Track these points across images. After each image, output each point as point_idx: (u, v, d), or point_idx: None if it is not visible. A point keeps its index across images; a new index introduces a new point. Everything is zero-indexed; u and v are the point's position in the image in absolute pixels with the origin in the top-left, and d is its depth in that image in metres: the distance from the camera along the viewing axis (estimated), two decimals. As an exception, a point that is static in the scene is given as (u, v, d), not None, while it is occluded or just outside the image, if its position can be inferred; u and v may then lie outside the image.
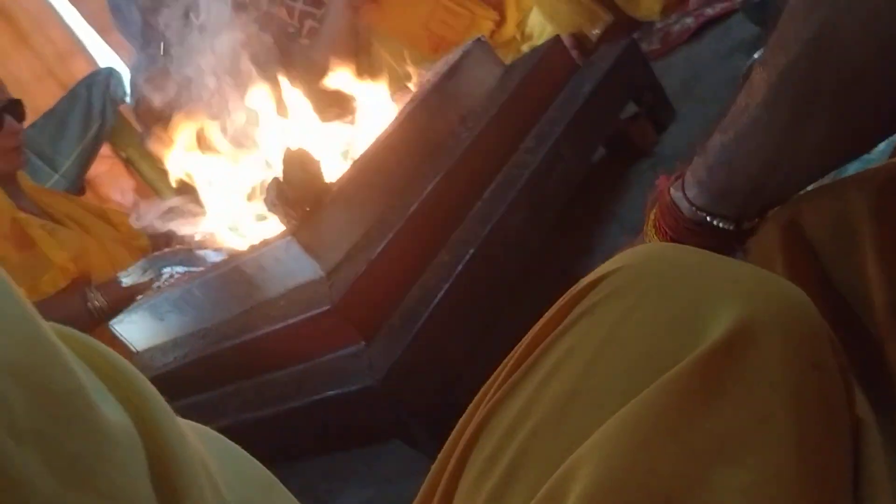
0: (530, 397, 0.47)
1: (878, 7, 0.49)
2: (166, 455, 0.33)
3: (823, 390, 0.42)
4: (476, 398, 0.52)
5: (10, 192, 1.91)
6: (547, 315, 0.50)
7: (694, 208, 0.66)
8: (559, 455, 0.42)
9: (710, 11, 1.87)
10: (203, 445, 0.38)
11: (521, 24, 2.23)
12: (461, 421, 0.52)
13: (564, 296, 0.50)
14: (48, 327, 0.31)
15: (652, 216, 0.73)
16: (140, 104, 2.46)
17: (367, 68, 2.47)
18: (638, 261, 0.48)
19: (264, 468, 0.47)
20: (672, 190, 0.68)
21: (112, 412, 0.32)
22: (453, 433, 0.52)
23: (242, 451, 0.46)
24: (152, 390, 0.36)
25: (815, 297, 0.52)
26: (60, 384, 0.30)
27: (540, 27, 2.15)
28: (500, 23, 2.29)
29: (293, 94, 1.42)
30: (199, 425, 0.43)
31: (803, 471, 0.39)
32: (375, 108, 1.44)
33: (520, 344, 0.51)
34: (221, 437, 0.46)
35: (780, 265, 0.57)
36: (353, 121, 1.46)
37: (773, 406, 0.41)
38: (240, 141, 1.44)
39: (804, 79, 0.55)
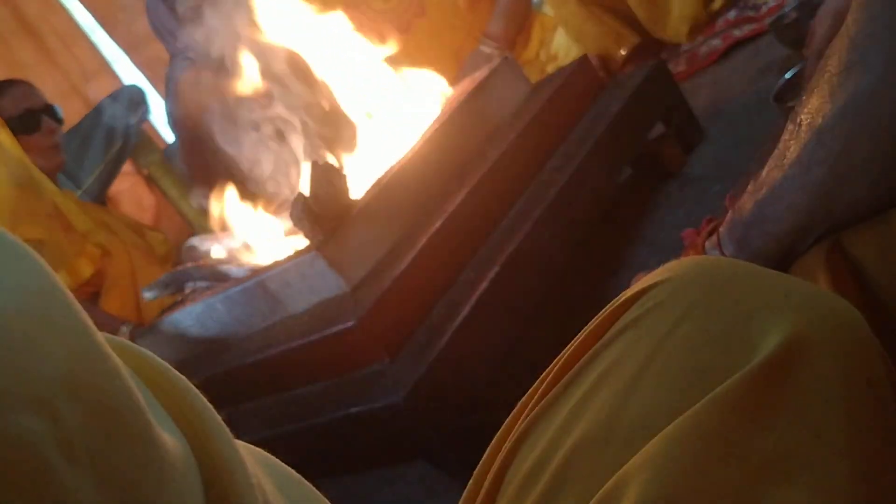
0: (573, 411, 0.45)
1: None
2: (223, 480, 0.31)
3: (877, 406, 0.41)
4: (512, 413, 0.51)
5: None
6: (588, 327, 0.49)
7: None
8: (605, 470, 0.41)
9: (737, 33, 1.85)
10: (259, 469, 0.36)
11: (544, 44, 2.22)
12: (496, 437, 0.50)
13: (606, 308, 0.49)
14: (103, 339, 0.29)
15: None
16: (175, 100, 2.48)
17: None
18: (684, 272, 0.47)
19: (321, 495, 0.45)
20: (707, 246, 0.68)
21: (169, 433, 0.30)
22: (489, 449, 0.50)
23: (298, 476, 0.44)
24: (209, 409, 0.33)
25: (861, 311, 0.51)
26: (118, 401, 0.27)
27: (566, 48, 2.15)
28: (524, 43, 2.29)
29: None
30: (256, 448, 0.41)
31: (859, 490, 0.38)
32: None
33: (559, 357, 0.50)
34: (278, 461, 0.44)
35: (823, 283, 0.56)
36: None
37: (828, 423, 0.39)
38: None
39: (841, 141, 0.55)
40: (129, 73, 4.19)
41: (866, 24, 0.53)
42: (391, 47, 1.93)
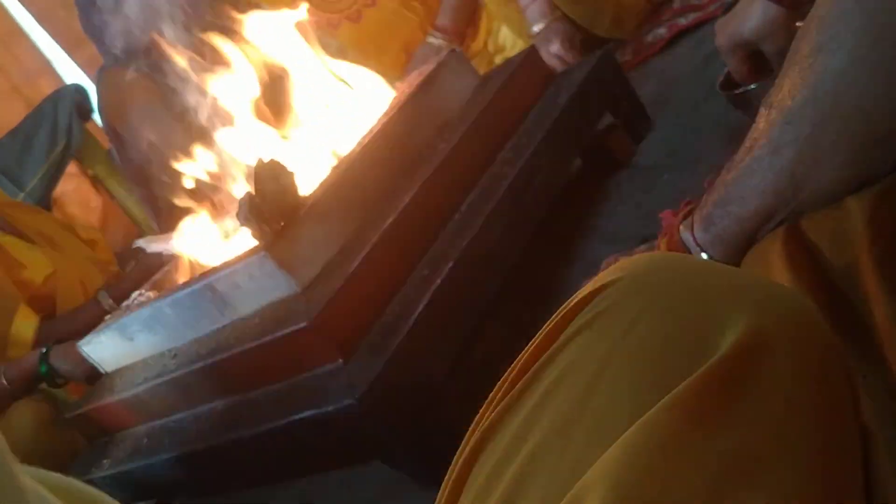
0: (528, 418, 0.44)
1: (887, 56, 0.49)
2: None
3: (835, 401, 0.41)
4: (475, 420, 0.50)
5: None
6: (543, 330, 0.48)
7: (699, 249, 0.65)
8: (562, 479, 0.40)
9: (682, 21, 1.87)
10: None
11: (491, 35, 2.22)
12: (460, 448, 0.49)
13: (561, 309, 0.48)
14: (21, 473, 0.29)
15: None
16: (102, 102, 2.45)
17: None
18: (638, 271, 0.46)
19: None
20: (682, 228, 0.67)
21: None
22: (453, 461, 0.49)
23: None
24: None
25: (817, 298, 0.51)
26: None
27: (512, 39, 2.15)
28: (472, 34, 2.28)
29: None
30: None
31: (819, 489, 0.37)
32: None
33: (515, 362, 0.49)
34: None
35: (782, 267, 0.56)
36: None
37: (788, 421, 0.39)
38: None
39: (810, 123, 0.54)
40: (70, 71, 4.10)
41: (835, 4, 0.53)
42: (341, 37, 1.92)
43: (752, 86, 1.25)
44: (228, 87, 1.39)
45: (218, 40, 1.40)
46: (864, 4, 0.51)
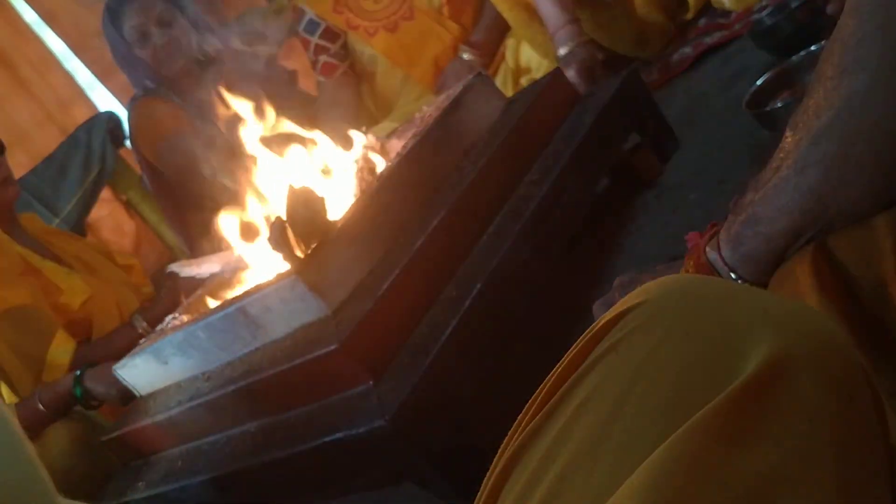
0: (556, 440, 0.45)
1: None
2: None
3: (860, 422, 0.41)
4: (504, 441, 0.50)
5: (12, 232, 1.93)
6: (569, 354, 0.48)
7: (727, 269, 0.66)
8: (590, 500, 0.40)
9: (708, 40, 1.87)
10: None
11: (517, 56, 2.24)
12: (491, 466, 0.50)
13: (586, 333, 0.48)
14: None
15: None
16: (133, 131, 2.51)
17: (369, 95, 2.50)
18: (662, 293, 0.46)
19: None
20: (708, 249, 0.68)
21: None
22: (485, 479, 0.50)
23: None
24: None
25: (845, 316, 0.51)
26: None
27: (538, 60, 2.16)
28: (501, 55, 2.31)
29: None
30: None
31: None
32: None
33: (543, 384, 0.49)
34: None
35: (810, 285, 0.56)
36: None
37: (813, 443, 0.39)
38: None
39: (836, 143, 0.55)
40: (104, 99, 4.17)
41: (859, 26, 0.54)
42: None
43: (779, 104, 1.26)
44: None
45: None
46: (887, 29, 0.52)
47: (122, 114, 3.43)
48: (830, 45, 0.57)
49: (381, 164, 1.38)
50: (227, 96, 1.41)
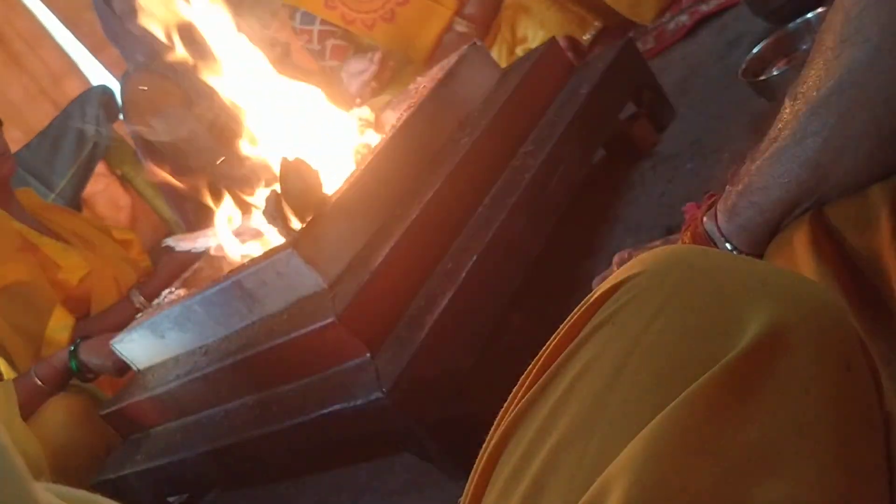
0: (551, 411, 0.45)
1: None
2: None
3: (856, 392, 0.41)
4: (500, 412, 0.50)
5: (9, 208, 1.92)
6: (565, 325, 0.48)
7: (723, 239, 0.65)
8: (586, 471, 0.40)
9: (704, 8, 1.85)
10: None
11: (512, 27, 2.22)
12: (488, 437, 0.50)
13: (582, 304, 0.48)
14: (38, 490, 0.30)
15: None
16: (126, 106, 2.49)
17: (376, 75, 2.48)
18: (658, 264, 0.46)
19: None
20: (705, 220, 0.68)
21: None
22: (481, 450, 0.50)
23: None
24: None
25: (841, 283, 0.51)
26: None
27: (533, 30, 2.15)
28: (496, 27, 2.29)
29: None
30: None
31: (843, 479, 0.38)
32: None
33: (539, 355, 0.49)
34: None
35: (806, 253, 0.56)
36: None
37: (809, 412, 0.39)
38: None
39: (836, 113, 0.55)
40: (97, 73, 4.14)
41: None
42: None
43: (776, 72, 1.25)
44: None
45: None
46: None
47: (116, 87, 3.41)
48: (831, 15, 0.56)
49: (375, 137, 1.38)
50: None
